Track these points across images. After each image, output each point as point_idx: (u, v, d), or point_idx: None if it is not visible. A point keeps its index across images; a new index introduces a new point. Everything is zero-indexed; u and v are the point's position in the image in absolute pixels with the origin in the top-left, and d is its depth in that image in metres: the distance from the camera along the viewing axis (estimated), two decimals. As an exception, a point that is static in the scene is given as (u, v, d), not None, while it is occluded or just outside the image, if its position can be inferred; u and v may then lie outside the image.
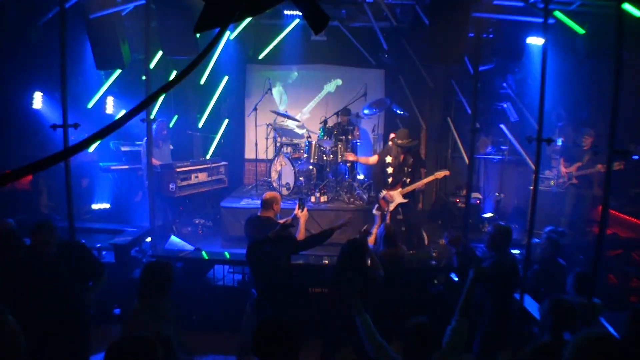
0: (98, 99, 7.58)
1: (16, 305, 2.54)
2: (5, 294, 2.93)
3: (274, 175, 7.58)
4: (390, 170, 6.51)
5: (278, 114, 8.26)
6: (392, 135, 6.60)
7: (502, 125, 7.86)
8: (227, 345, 4.53)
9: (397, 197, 6.40)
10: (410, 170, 6.49)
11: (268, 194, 4.50)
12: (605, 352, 2.04)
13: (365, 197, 7.48)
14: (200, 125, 9.05)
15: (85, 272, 3.79)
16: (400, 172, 6.47)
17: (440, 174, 6.49)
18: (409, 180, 6.47)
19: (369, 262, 3.99)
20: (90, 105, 7.44)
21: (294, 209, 4.56)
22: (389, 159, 6.53)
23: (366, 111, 8.02)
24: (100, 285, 3.85)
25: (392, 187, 6.47)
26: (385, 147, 6.85)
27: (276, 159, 7.64)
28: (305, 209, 4.56)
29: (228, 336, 4.60)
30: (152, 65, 6.21)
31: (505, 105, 8.08)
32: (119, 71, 7.22)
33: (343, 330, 3.64)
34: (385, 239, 4.50)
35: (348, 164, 7.66)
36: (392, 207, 6.37)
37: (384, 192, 6.49)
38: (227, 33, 7.48)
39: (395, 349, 2.76)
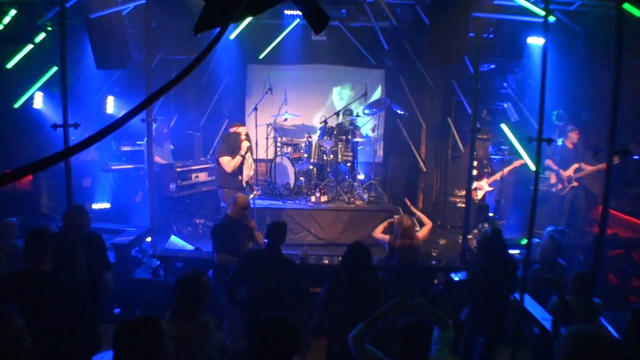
0: (98, 98, 7.58)
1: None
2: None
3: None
4: (475, 163, 6.79)
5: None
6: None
7: (502, 125, 7.87)
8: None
9: (485, 186, 7.16)
10: (487, 161, 7.26)
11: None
12: (595, 346, 2.05)
13: (365, 197, 7.49)
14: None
15: (101, 263, 4.08)
16: (482, 164, 7.23)
17: (518, 162, 7.17)
18: (488, 170, 7.24)
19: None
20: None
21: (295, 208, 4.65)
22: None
23: (366, 111, 8.02)
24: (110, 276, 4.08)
25: (478, 178, 7.14)
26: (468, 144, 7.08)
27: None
28: None
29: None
30: (152, 65, 6.21)
31: (505, 105, 8.08)
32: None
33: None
34: (402, 230, 4.54)
35: (349, 164, 7.66)
36: (481, 195, 7.14)
37: (475, 184, 7.09)
38: (227, 33, 7.47)
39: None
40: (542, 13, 4.93)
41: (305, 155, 7.71)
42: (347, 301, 3.49)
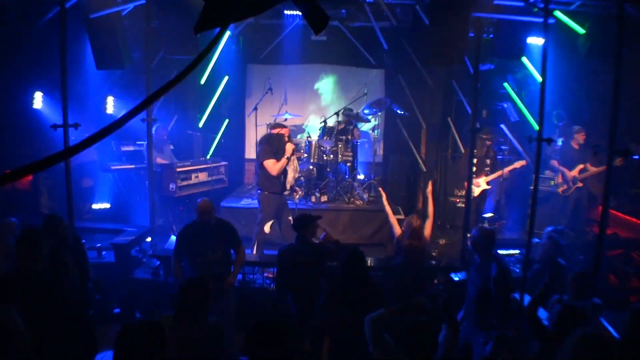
0: (98, 98, 7.58)
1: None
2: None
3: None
4: (474, 160, 6.73)
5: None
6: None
7: (502, 125, 7.87)
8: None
9: (482, 184, 7.16)
10: (491, 161, 7.23)
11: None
12: (601, 351, 2.04)
13: (365, 197, 7.49)
14: (200, 125, 9.03)
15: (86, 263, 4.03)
16: (482, 163, 7.20)
17: (519, 163, 7.14)
18: (489, 170, 7.21)
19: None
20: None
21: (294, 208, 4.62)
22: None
23: (366, 111, 8.02)
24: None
25: (476, 175, 7.14)
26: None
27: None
28: None
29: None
30: (152, 65, 6.21)
31: (505, 105, 8.07)
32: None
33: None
34: (411, 230, 4.55)
35: (349, 164, 7.66)
36: (477, 192, 7.09)
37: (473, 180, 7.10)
38: (227, 33, 7.47)
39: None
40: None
41: (305, 155, 7.71)
42: (347, 308, 3.53)
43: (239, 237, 4.60)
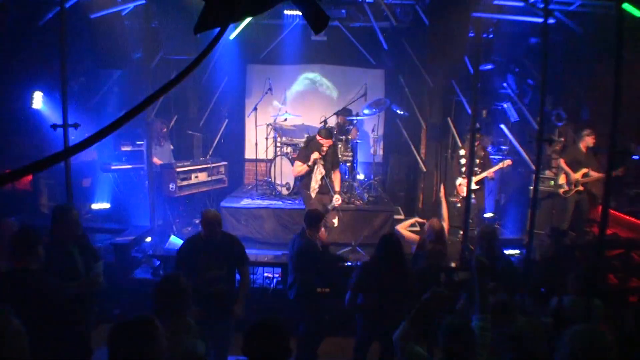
0: (98, 98, 7.56)
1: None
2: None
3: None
4: (463, 161, 6.89)
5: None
6: None
7: (502, 125, 7.87)
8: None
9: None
10: (481, 161, 7.04)
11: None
12: (598, 345, 2.05)
13: (365, 197, 7.48)
14: (200, 125, 9.02)
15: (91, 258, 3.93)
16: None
17: (504, 163, 7.00)
18: (479, 170, 7.02)
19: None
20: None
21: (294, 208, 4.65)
22: (462, 152, 7.01)
23: (366, 111, 8.02)
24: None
25: (464, 175, 7.09)
26: (464, 142, 7.28)
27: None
28: None
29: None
30: (152, 65, 6.22)
31: (505, 105, 8.07)
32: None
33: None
34: (435, 233, 4.53)
35: (348, 164, 7.66)
36: (465, 191, 6.97)
37: (459, 180, 7.00)
38: (227, 33, 7.47)
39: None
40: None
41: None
42: (380, 292, 3.61)
43: (246, 255, 4.22)
